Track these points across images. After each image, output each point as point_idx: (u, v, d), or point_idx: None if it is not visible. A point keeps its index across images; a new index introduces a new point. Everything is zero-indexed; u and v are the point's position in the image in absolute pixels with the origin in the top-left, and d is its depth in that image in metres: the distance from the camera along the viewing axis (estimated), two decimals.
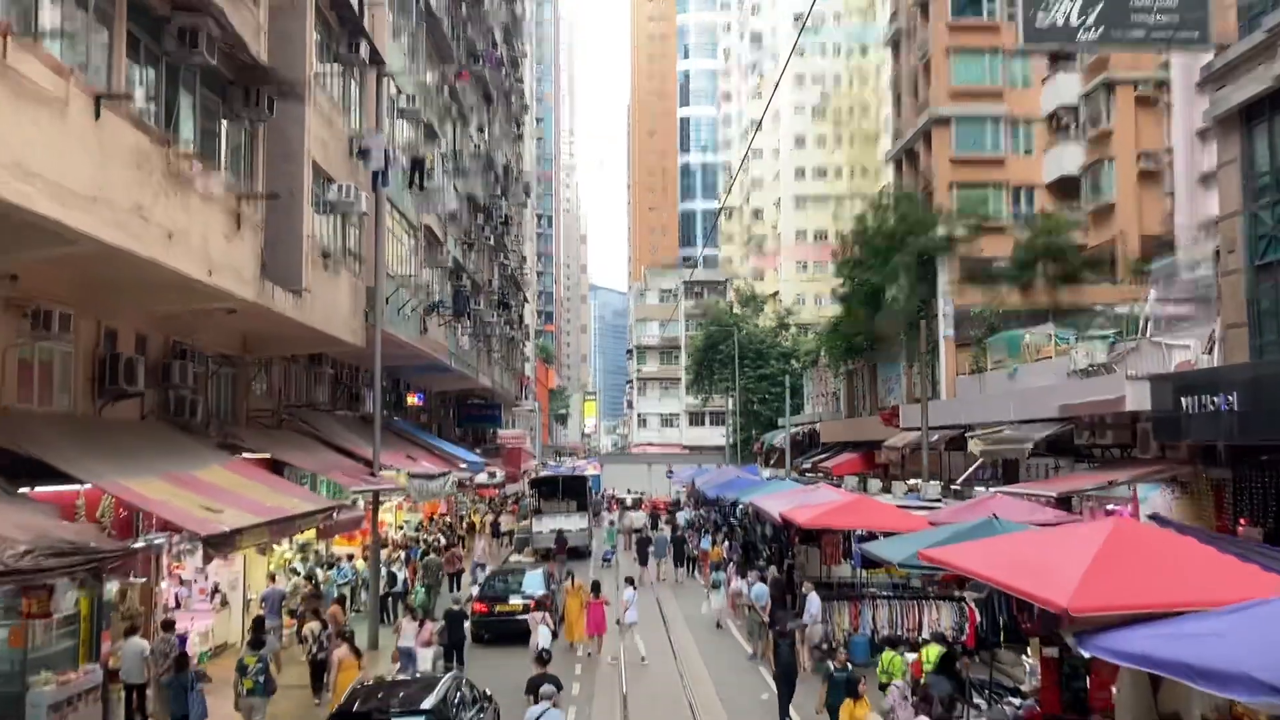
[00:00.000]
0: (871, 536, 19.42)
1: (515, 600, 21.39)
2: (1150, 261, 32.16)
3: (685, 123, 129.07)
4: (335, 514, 15.54)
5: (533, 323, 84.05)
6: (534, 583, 22.05)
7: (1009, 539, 10.03)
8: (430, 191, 26.57)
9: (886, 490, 30.85)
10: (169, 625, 13.97)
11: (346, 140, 19.62)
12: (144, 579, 14.30)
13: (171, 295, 13.33)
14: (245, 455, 17.04)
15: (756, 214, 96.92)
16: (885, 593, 19.38)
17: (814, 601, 18.75)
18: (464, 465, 30.99)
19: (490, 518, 41.03)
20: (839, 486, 31.08)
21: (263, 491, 13.85)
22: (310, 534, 17.56)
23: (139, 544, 13.85)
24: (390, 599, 23.16)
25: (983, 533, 11.98)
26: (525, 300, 63.17)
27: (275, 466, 18.69)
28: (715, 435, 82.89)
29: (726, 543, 30.32)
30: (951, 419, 28.79)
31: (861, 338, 38.59)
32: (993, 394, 27.36)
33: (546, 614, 20.19)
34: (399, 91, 23.79)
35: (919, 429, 29.14)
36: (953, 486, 27.47)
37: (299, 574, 20.98)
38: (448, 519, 37.10)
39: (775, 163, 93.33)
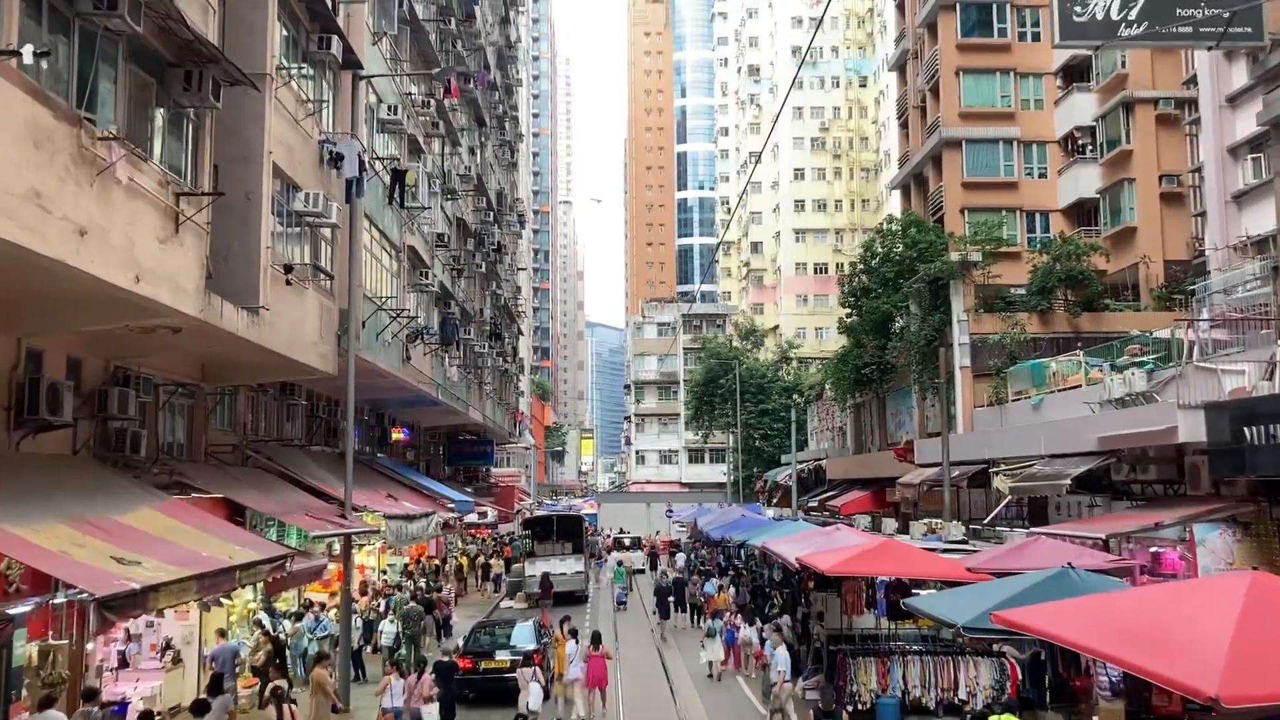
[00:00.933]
0: (900, 583, 17.46)
1: (503, 655, 19.39)
2: (1176, 286, 30.70)
3: (682, 158, 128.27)
4: (289, 563, 13.51)
5: (528, 357, 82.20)
6: (524, 635, 20.04)
7: (1106, 600, 8.02)
8: (414, 210, 24.83)
9: (903, 531, 28.81)
10: (91, 694, 11.92)
11: (317, 146, 17.81)
12: (65, 640, 12.27)
13: (98, 309, 11.43)
14: (194, 496, 15.08)
15: (755, 248, 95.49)
16: (916, 647, 17.28)
17: (781, 658, 16.88)
18: (451, 505, 28.95)
19: (481, 560, 38.92)
20: (853, 526, 29.05)
21: (200, 538, 11.86)
22: (260, 586, 15.50)
23: (58, 599, 11.89)
24: (382, 651, 21.26)
25: (1059, 585, 10.00)
26: (520, 333, 61.24)
27: (237, 509, 16.74)
28: (715, 472, 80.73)
29: (733, 588, 28.25)
30: (971, 454, 26.87)
31: (871, 369, 36.82)
32: (1016, 426, 25.54)
33: (538, 669, 18.21)
34: (379, 100, 22.12)
35: (935, 464, 27.19)
36: (973, 526, 25.54)
37: (263, 626, 18.92)
38: (435, 562, 34.99)
39: (774, 195, 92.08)
